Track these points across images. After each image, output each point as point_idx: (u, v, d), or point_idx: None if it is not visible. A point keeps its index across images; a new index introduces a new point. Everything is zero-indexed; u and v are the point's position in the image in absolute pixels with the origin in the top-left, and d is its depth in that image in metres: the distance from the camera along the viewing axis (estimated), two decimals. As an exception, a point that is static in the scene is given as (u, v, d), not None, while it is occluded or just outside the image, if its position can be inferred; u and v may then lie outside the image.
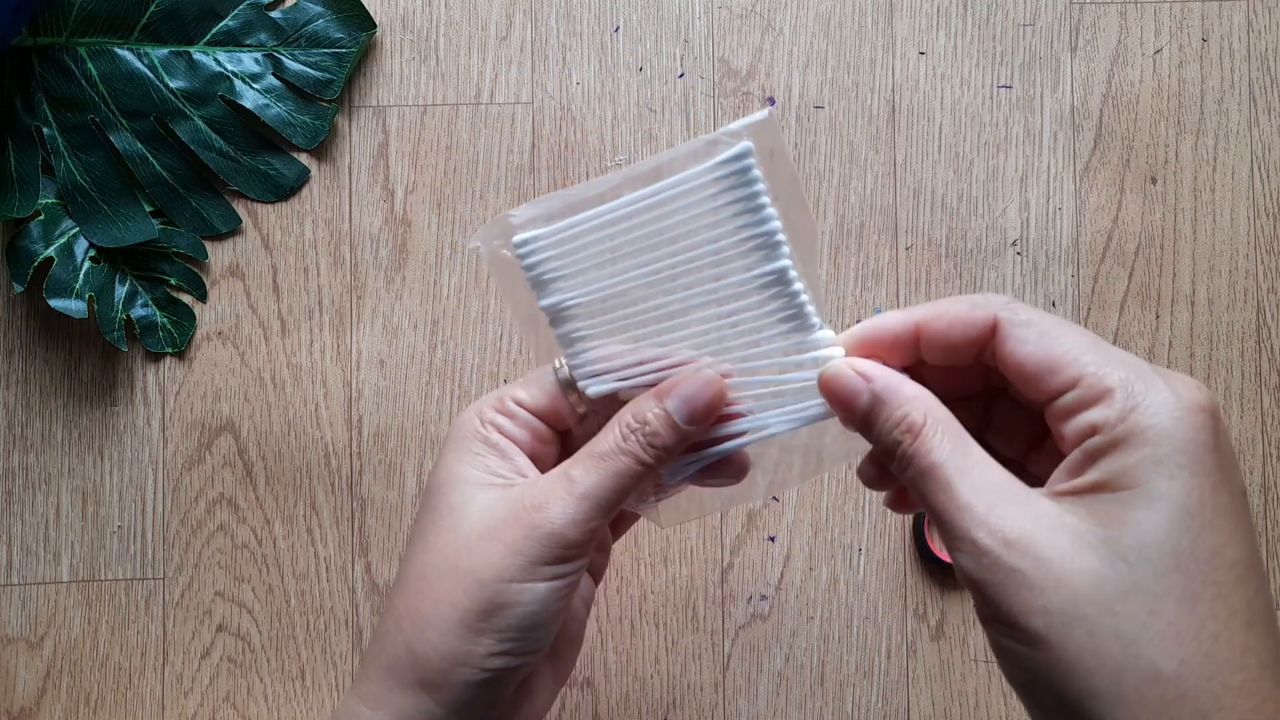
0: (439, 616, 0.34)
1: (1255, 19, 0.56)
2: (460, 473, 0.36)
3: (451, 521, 0.35)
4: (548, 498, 0.34)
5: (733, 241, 0.34)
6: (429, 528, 0.36)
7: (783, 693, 0.54)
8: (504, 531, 0.34)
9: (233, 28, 0.55)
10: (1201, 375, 0.55)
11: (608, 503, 0.34)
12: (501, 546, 0.34)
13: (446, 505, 0.36)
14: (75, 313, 0.53)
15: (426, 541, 0.36)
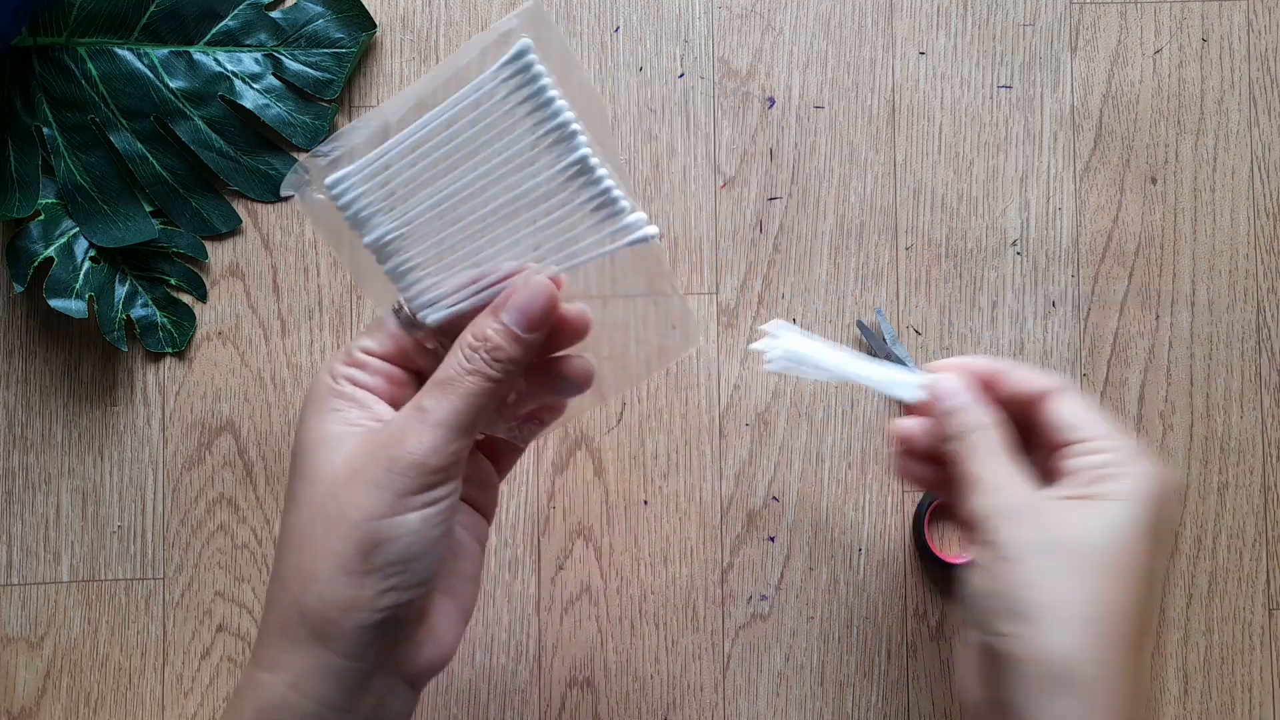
0: (320, 568, 0.34)
1: (1255, 19, 0.56)
2: (321, 430, 0.36)
3: (317, 475, 0.35)
4: (402, 431, 0.35)
5: (531, 140, 0.35)
6: (296, 488, 0.36)
7: (783, 693, 0.54)
8: (366, 472, 0.34)
9: (233, 28, 0.55)
10: (1201, 375, 0.55)
11: (462, 425, 0.35)
12: (365, 486, 0.34)
13: (310, 463, 0.36)
14: (75, 313, 0.53)
15: (296, 501, 0.36)
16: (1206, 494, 0.55)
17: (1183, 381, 0.55)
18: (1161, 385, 0.55)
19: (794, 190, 0.56)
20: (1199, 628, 0.55)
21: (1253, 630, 0.55)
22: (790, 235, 0.56)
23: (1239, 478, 0.55)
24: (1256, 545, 0.55)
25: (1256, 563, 0.55)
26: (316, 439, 0.36)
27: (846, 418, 0.55)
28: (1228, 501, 0.55)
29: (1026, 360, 0.55)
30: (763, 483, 0.55)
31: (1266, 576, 0.55)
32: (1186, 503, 0.55)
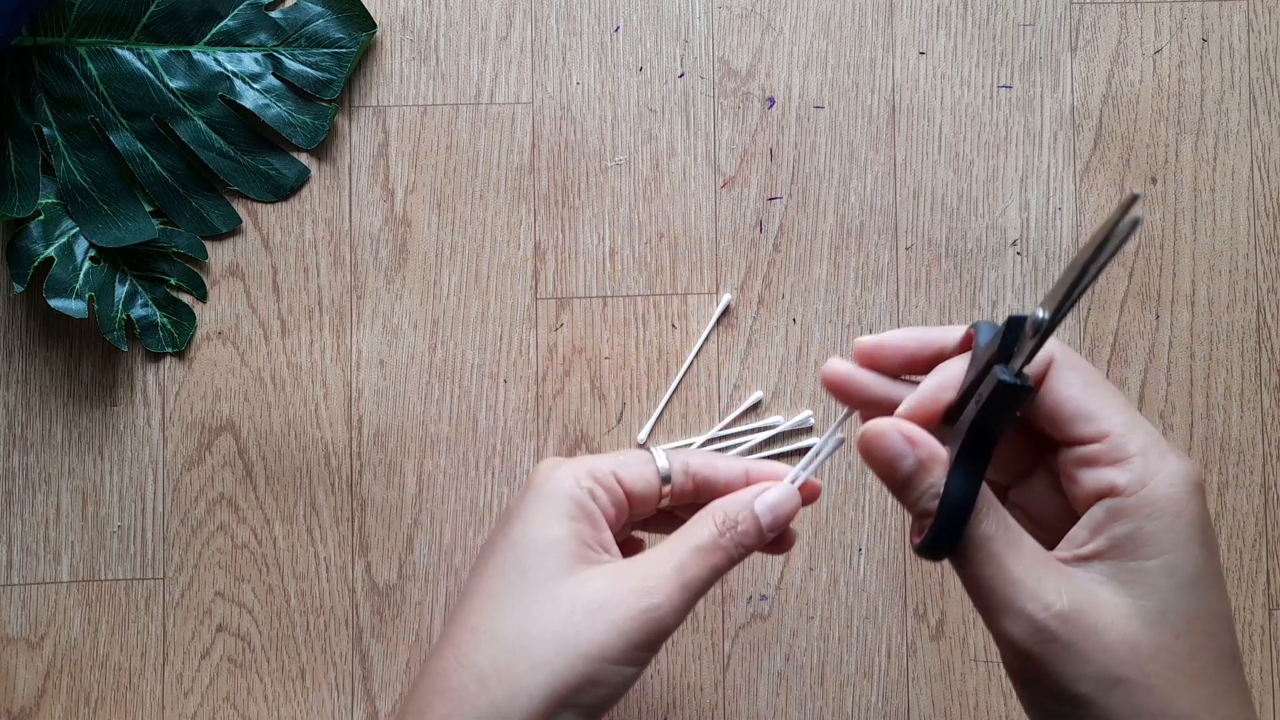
0: (534, 684, 0.34)
1: (1255, 19, 0.56)
2: (553, 534, 0.37)
3: (551, 590, 0.36)
4: (657, 584, 0.36)
5: None
6: (519, 583, 0.36)
7: (783, 693, 0.54)
8: (611, 612, 0.35)
9: (233, 28, 0.55)
10: (1201, 375, 0.55)
11: (701, 592, 0.36)
12: (607, 625, 0.35)
13: (543, 571, 0.36)
14: (75, 313, 0.53)
15: (520, 604, 0.36)
16: (1207, 494, 0.55)
17: (1183, 381, 0.55)
18: (1161, 385, 0.55)
19: (794, 190, 0.56)
20: (1199, 628, 0.55)
21: (1253, 630, 0.55)
22: (790, 235, 0.56)
23: (1239, 478, 0.55)
24: (1256, 545, 0.55)
25: (1256, 563, 0.55)
26: (548, 541, 0.36)
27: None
28: (1228, 501, 0.55)
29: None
30: (763, 483, 0.55)
31: (1266, 576, 0.55)
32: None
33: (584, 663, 0.35)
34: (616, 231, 0.55)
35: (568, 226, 0.55)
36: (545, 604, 0.36)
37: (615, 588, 0.35)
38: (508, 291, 0.55)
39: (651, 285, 0.55)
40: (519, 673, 0.35)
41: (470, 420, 0.55)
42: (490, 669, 0.35)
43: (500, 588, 0.36)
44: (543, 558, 0.36)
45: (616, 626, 0.35)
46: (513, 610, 0.36)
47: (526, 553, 0.37)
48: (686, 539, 0.37)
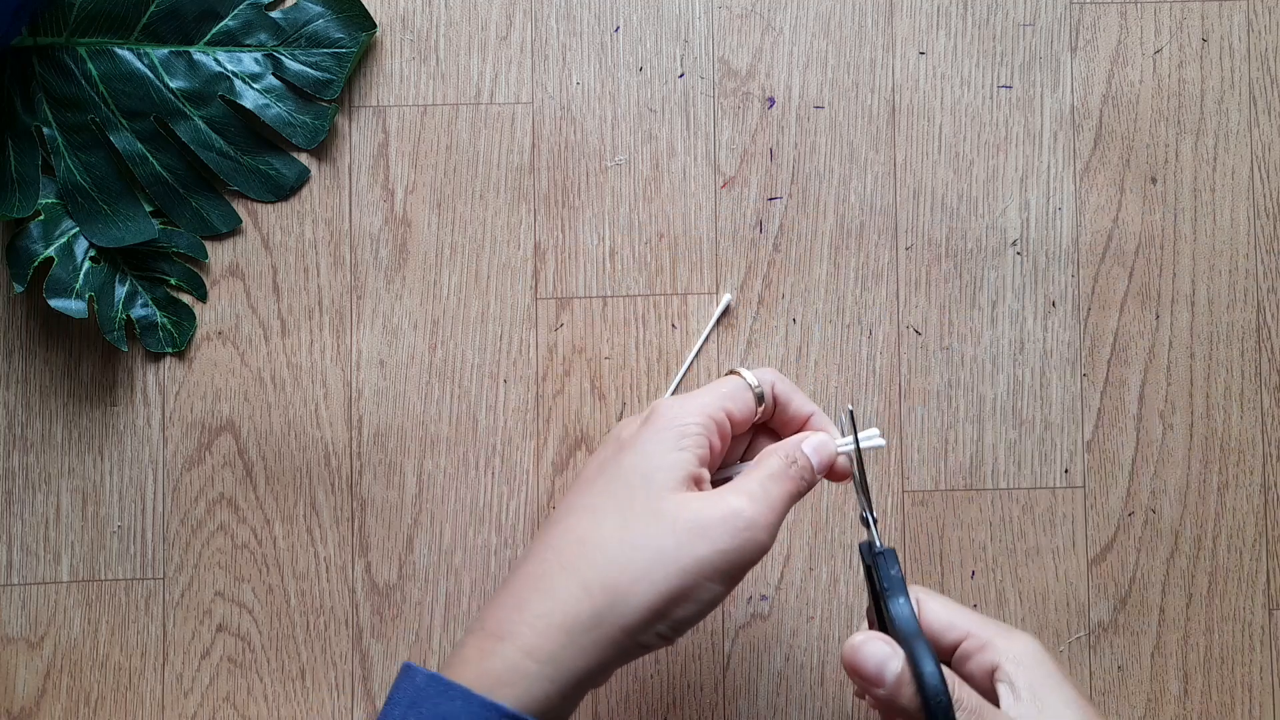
0: (635, 594, 0.37)
1: (1255, 19, 0.56)
2: (663, 462, 0.39)
3: (656, 509, 0.38)
4: (750, 505, 0.39)
5: None
6: (625, 500, 0.39)
7: (783, 693, 0.54)
8: (711, 530, 0.38)
9: (233, 28, 0.55)
10: (1201, 375, 0.55)
11: (783, 516, 0.40)
12: (708, 543, 0.38)
13: (649, 493, 0.39)
14: (75, 313, 0.53)
15: (626, 520, 0.38)
16: (1206, 494, 0.55)
17: (1183, 381, 0.55)
18: (1161, 385, 0.55)
19: (794, 190, 0.56)
20: (1199, 628, 0.55)
21: (1253, 630, 0.55)
22: (790, 235, 0.56)
23: (1239, 478, 0.55)
24: (1256, 545, 0.55)
25: (1256, 563, 0.55)
26: (661, 467, 0.39)
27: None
28: (1228, 501, 0.55)
29: (1026, 360, 0.55)
30: (763, 483, 0.55)
31: (1266, 576, 0.55)
32: (1186, 503, 0.55)
33: (682, 577, 0.37)
34: (616, 231, 0.55)
35: (568, 226, 0.55)
36: (650, 521, 0.38)
37: (715, 509, 0.38)
38: (508, 291, 0.55)
39: (651, 285, 0.55)
40: (622, 583, 0.37)
41: (470, 420, 0.55)
42: (594, 576, 0.37)
43: (608, 504, 0.39)
44: (649, 481, 0.39)
45: (716, 544, 0.37)
46: (619, 525, 0.38)
47: (635, 474, 0.39)
48: (763, 471, 0.40)
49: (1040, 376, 0.55)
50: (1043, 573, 0.55)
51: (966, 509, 0.55)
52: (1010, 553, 0.55)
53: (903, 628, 0.40)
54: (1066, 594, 0.55)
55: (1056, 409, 0.55)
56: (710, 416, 0.41)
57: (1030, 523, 0.55)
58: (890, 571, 0.41)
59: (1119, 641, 0.55)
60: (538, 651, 0.37)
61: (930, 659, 0.38)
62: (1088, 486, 0.55)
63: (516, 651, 0.37)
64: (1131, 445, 0.55)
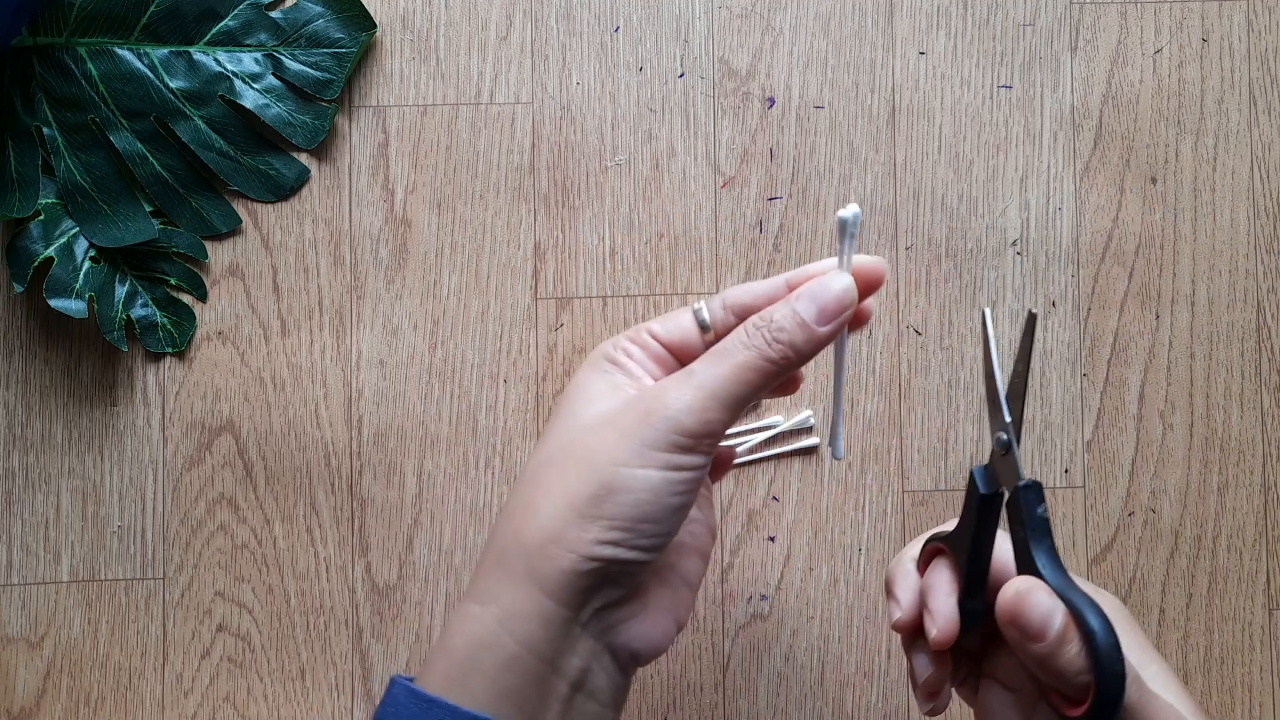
0: (549, 502, 0.34)
1: (1255, 19, 0.56)
2: (586, 383, 0.36)
3: (570, 421, 0.35)
4: (664, 388, 0.35)
5: None
6: (547, 431, 0.36)
7: (783, 693, 0.54)
8: (619, 421, 0.34)
9: (233, 28, 0.55)
10: (1201, 375, 0.55)
11: (725, 396, 0.34)
12: (616, 432, 0.34)
13: (568, 408, 0.36)
14: (75, 313, 0.53)
15: (542, 442, 0.36)
16: (1206, 494, 0.55)
17: (1183, 381, 0.55)
18: (1161, 385, 0.55)
19: (794, 190, 0.56)
20: (1199, 628, 0.55)
21: (1253, 630, 0.55)
22: (790, 235, 0.56)
23: (1239, 478, 0.55)
24: (1256, 545, 0.55)
25: (1256, 563, 0.55)
26: (578, 389, 0.36)
27: (846, 418, 0.55)
28: (1228, 501, 0.55)
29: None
30: (763, 483, 0.55)
31: (1266, 576, 0.55)
32: (1186, 503, 0.55)
33: (594, 471, 0.34)
34: (616, 231, 0.55)
35: (568, 226, 0.55)
36: (562, 431, 0.35)
37: (627, 402, 0.35)
38: (508, 291, 0.55)
39: (651, 285, 0.55)
40: (536, 498, 0.34)
41: (470, 420, 0.55)
42: (515, 503, 0.35)
43: (538, 441, 0.37)
44: (570, 401, 0.36)
45: (624, 431, 0.34)
46: (538, 450, 0.36)
47: (559, 405, 0.37)
48: (713, 349, 0.36)
49: (1040, 376, 0.55)
50: (1043, 573, 0.55)
51: (966, 509, 0.55)
52: (1010, 553, 0.55)
53: (1055, 580, 0.34)
54: (1066, 594, 0.55)
55: (1056, 409, 0.55)
56: (630, 340, 0.37)
57: (1030, 523, 0.55)
58: (1036, 510, 0.35)
59: (1119, 641, 0.55)
60: (481, 594, 0.35)
61: (1099, 617, 0.33)
62: (1088, 486, 0.55)
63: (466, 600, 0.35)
64: (1131, 445, 0.55)
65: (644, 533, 0.34)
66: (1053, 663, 0.33)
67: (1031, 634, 0.33)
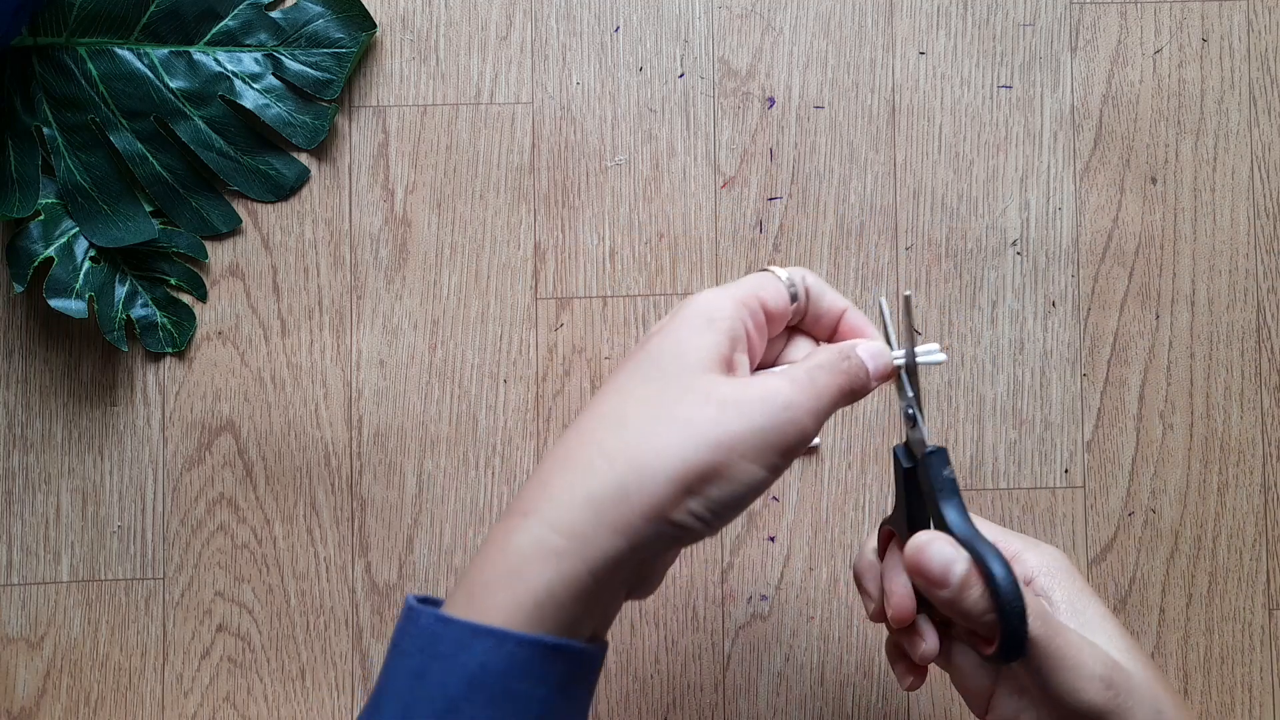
0: (664, 467, 0.34)
1: (1255, 19, 0.56)
2: (695, 343, 0.36)
3: (687, 383, 0.35)
4: (792, 387, 0.36)
5: None
6: (656, 379, 0.36)
7: (783, 693, 0.54)
8: (746, 407, 0.35)
9: (233, 28, 0.55)
10: (1201, 375, 0.55)
11: (829, 409, 0.37)
12: (741, 417, 0.34)
13: (680, 369, 0.36)
14: (75, 313, 0.53)
15: (654, 394, 0.35)
16: (1206, 494, 0.55)
17: (1183, 381, 0.55)
18: (1161, 385, 0.55)
19: (794, 190, 0.56)
20: (1199, 628, 0.55)
21: (1253, 630, 0.55)
22: (790, 235, 0.56)
23: (1239, 478, 0.55)
24: (1256, 545, 0.55)
25: (1256, 563, 0.55)
26: (695, 347, 0.36)
27: (846, 417, 0.55)
28: (1228, 501, 0.55)
29: (1026, 360, 0.55)
30: (763, 483, 0.55)
31: (1266, 576, 0.55)
32: (1186, 503, 0.55)
33: (713, 451, 0.34)
34: (616, 231, 0.55)
35: (568, 226, 0.55)
36: (680, 396, 0.35)
37: (752, 387, 0.35)
38: (508, 291, 0.55)
39: (651, 285, 0.55)
40: (647, 454, 0.34)
41: (470, 420, 0.55)
42: (618, 448, 0.35)
43: (636, 383, 0.36)
44: (681, 359, 0.36)
45: (751, 420, 0.35)
46: (646, 399, 0.36)
47: (664, 355, 0.36)
48: (812, 361, 0.37)
49: (1040, 376, 0.55)
50: (1043, 573, 0.55)
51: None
52: (1010, 553, 0.55)
53: (962, 531, 0.37)
54: (1066, 594, 0.55)
55: (1056, 409, 0.55)
56: (742, 302, 0.37)
57: (1030, 523, 0.55)
58: (942, 472, 0.39)
59: (1119, 641, 0.55)
60: (564, 526, 0.34)
61: (1000, 562, 0.36)
62: (1088, 486, 0.55)
63: (543, 526, 0.34)
64: (1131, 445, 0.55)
65: (724, 518, 0.35)
66: (959, 605, 0.37)
67: (934, 581, 0.37)
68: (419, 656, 0.33)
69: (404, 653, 0.34)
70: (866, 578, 0.42)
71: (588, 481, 0.35)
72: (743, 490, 0.35)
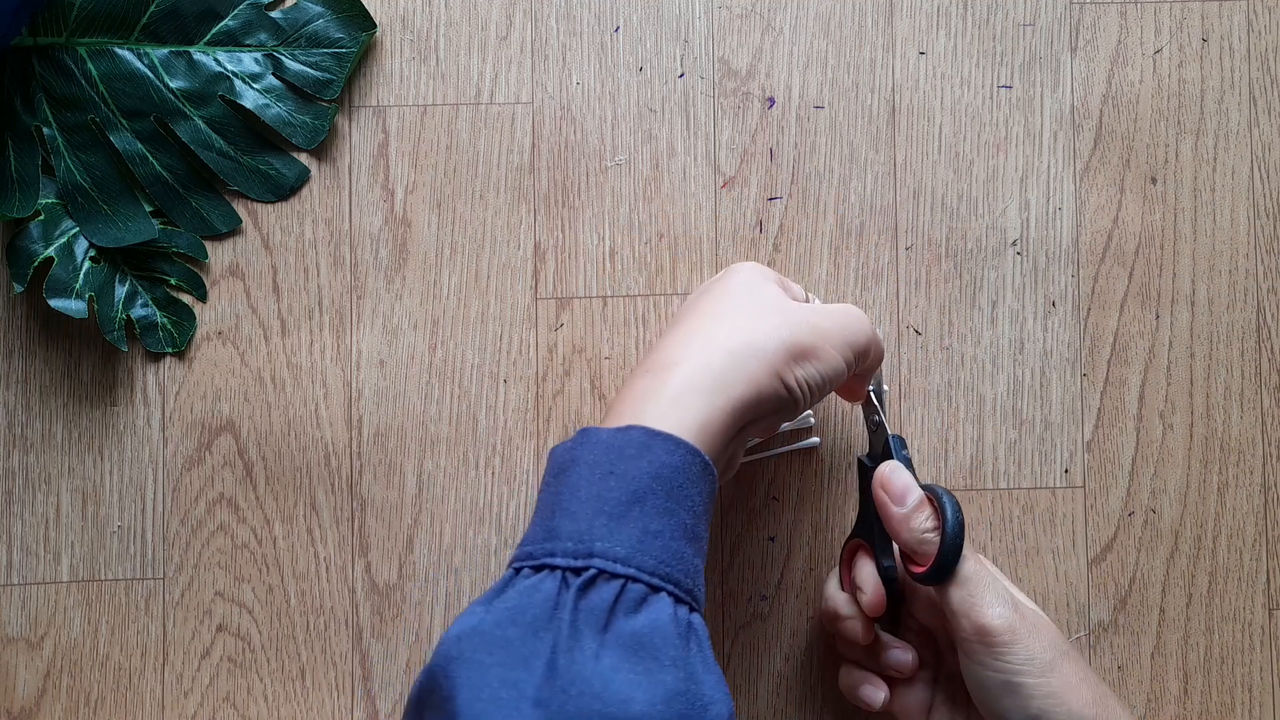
0: (777, 336, 0.42)
1: (1255, 19, 0.56)
2: (767, 284, 0.46)
3: (771, 300, 0.45)
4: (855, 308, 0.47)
5: None
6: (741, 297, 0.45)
7: (783, 693, 0.54)
8: (832, 312, 0.46)
9: (233, 28, 0.55)
10: (1201, 375, 0.55)
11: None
12: (829, 319, 0.45)
13: (759, 291, 0.45)
14: (75, 313, 0.53)
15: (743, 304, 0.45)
16: (1206, 494, 0.55)
17: (1183, 381, 0.55)
18: (1161, 385, 0.55)
19: (794, 190, 0.56)
20: (1199, 628, 0.55)
21: (1253, 630, 0.55)
22: (790, 235, 0.56)
23: (1239, 478, 0.55)
24: (1256, 545, 0.55)
25: (1256, 563, 0.55)
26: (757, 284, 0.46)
27: (846, 418, 0.55)
28: (1228, 501, 0.55)
29: (1026, 360, 0.55)
30: (763, 482, 0.55)
31: (1266, 576, 0.55)
32: (1186, 503, 0.55)
33: (811, 334, 0.43)
34: (616, 231, 0.55)
35: (568, 226, 0.55)
36: (770, 303, 0.45)
37: (826, 305, 0.46)
38: (508, 291, 0.55)
39: (651, 285, 0.55)
40: (763, 328, 0.43)
41: (470, 420, 0.55)
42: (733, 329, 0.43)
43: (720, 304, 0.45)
44: (753, 289, 0.45)
45: (834, 319, 0.45)
46: (741, 308, 0.45)
47: (736, 287, 0.46)
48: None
49: (1040, 376, 0.55)
50: (1043, 573, 0.55)
51: (966, 509, 0.55)
52: (1010, 553, 0.55)
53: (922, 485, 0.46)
54: (1067, 594, 0.55)
55: (1056, 409, 0.55)
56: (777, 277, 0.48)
57: (1030, 523, 0.55)
58: (902, 452, 0.47)
59: (1119, 641, 0.55)
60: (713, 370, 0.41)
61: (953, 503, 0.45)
62: (1088, 486, 0.55)
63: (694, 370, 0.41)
64: (1131, 445, 0.55)
65: (816, 398, 0.44)
66: (909, 523, 0.45)
67: (894, 498, 0.45)
68: (606, 457, 0.39)
69: (587, 462, 0.39)
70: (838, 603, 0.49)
71: (725, 340, 0.42)
72: (830, 373, 0.44)
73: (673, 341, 0.43)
